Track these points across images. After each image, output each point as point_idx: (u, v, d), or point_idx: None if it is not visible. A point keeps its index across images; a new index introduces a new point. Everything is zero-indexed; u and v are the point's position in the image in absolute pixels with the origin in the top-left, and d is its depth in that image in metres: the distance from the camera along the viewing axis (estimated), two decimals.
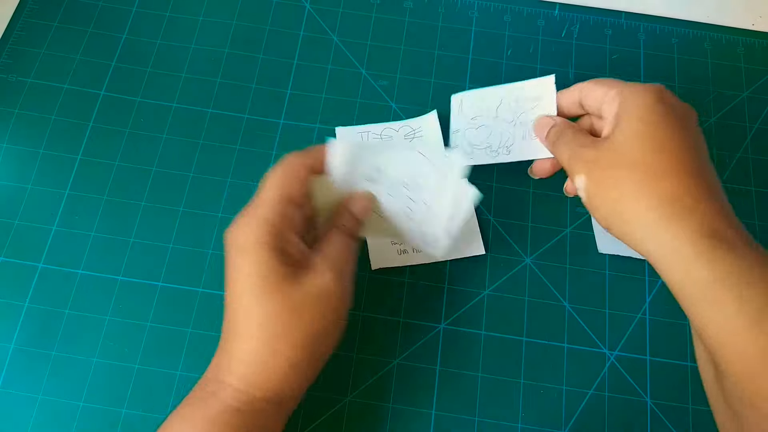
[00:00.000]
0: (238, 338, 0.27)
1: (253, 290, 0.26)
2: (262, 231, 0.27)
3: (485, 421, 0.34)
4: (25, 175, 0.39)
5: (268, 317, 0.26)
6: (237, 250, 0.27)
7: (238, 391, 0.26)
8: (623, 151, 0.28)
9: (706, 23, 0.46)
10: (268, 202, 0.28)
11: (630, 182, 0.27)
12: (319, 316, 0.27)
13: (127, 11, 0.44)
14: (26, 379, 0.35)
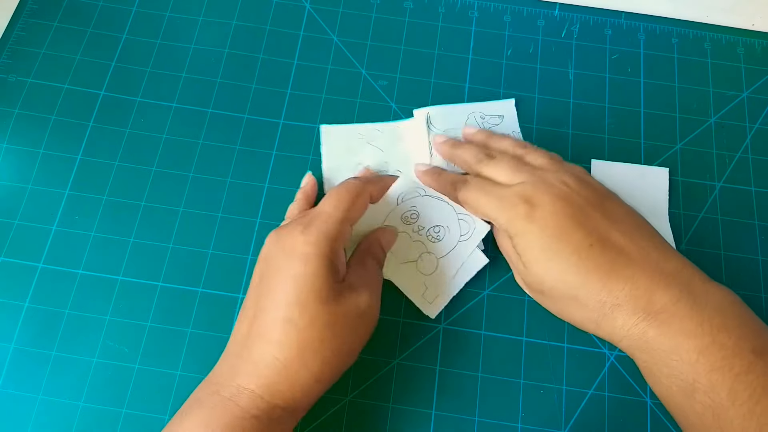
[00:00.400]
0: (267, 344, 0.27)
1: (301, 300, 0.27)
2: (325, 245, 0.28)
3: (485, 421, 0.34)
4: (25, 175, 0.39)
5: (307, 328, 0.26)
6: (295, 257, 0.28)
7: (259, 398, 0.26)
8: (537, 285, 0.32)
9: (706, 23, 0.46)
10: (334, 218, 0.29)
11: (561, 309, 0.32)
12: (353, 334, 0.28)
13: (127, 11, 0.44)
14: (26, 379, 0.35)
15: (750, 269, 0.38)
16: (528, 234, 0.30)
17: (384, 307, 0.37)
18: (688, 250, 0.39)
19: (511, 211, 0.30)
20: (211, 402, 0.26)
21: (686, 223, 0.39)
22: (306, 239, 0.28)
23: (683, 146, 0.42)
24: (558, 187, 0.30)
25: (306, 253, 0.27)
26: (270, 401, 0.26)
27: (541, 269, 0.30)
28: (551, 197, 0.30)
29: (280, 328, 0.27)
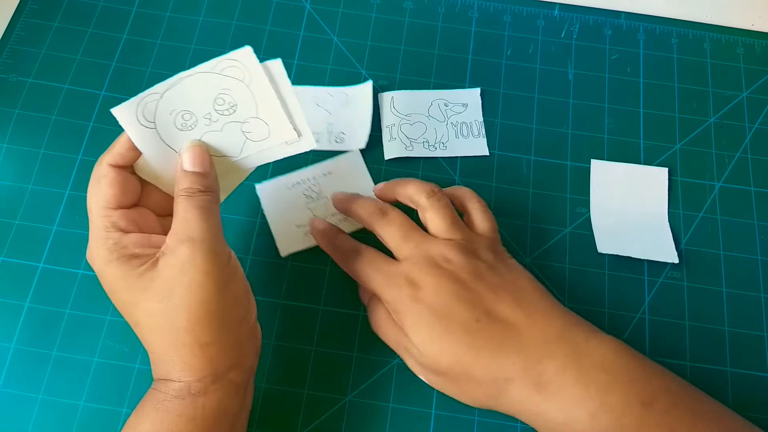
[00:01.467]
0: (146, 346, 0.28)
1: (126, 300, 0.27)
2: (100, 251, 0.27)
3: (485, 420, 0.34)
4: (25, 175, 0.39)
5: (149, 318, 0.27)
6: (98, 276, 0.28)
7: (171, 382, 0.27)
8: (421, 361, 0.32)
9: (706, 23, 0.46)
10: (92, 221, 0.28)
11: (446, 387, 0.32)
12: (189, 292, 0.26)
13: (128, 11, 0.44)
14: (27, 378, 0.35)
15: (749, 269, 0.38)
16: (415, 314, 0.30)
17: None
18: (687, 250, 0.39)
19: (395, 291, 0.31)
20: (145, 397, 0.28)
21: (686, 223, 0.39)
22: (90, 258, 0.29)
23: (683, 146, 0.42)
24: (440, 265, 0.31)
25: (97, 269, 0.28)
26: (180, 380, 0.26)
27: (435, 349, 0.29)
28: (434, 277, 0.30)
29: (137, 332, 0.28)
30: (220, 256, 0.27)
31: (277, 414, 0.34)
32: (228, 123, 0.30)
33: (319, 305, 0.37)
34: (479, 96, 0.42)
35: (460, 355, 0.29)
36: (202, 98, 0.29)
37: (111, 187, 0.28)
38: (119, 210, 0.28)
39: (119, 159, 0.28)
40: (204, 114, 0.29)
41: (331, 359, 0.36)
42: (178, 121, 0.29)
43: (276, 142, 0.31)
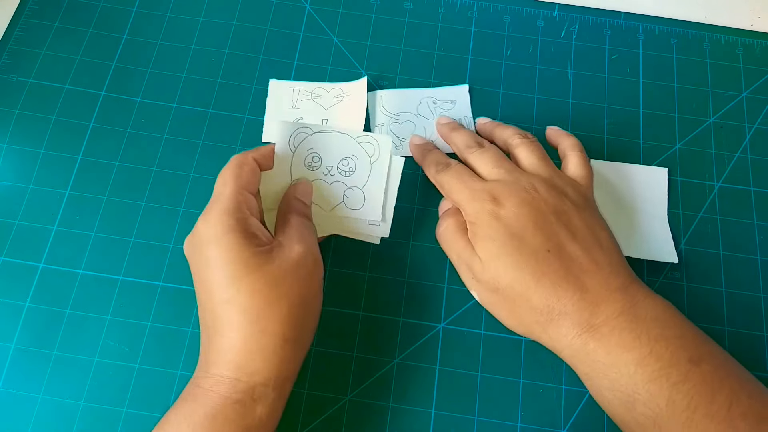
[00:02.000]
0: (222, 332, 0.27)
1: (231, 276, 0.27)
2: (227, 219, 0.28)
3: (484, 420, 0.34)
4: (25, 175, 0.39)
5: (251, 297, 0.27)
6: (206, 244, 0.28)
7: (236, 380, 0.26)
8: (492, 280, 0.32)
9: (705, 23, 0.46)
10: (226, 194, 0.29)
11: (509, 304, 0.32)
12: (299, 285, 0.28)
13: (128, 11, 0.44)
14: (27, 378, 0.35)
15: (749, 269, 0.38)
16: (490, 228, 0.31)
17: (384, 306, 0.37)
18: (687, 250, 0.39)
19: (478, 204, 0.32)
20: (193, 395, 0.27)
21: (685, 223, 0.39)
22: (207, 224, 0.28)
23: (682, 146, 0.42)
24: (528, 192, 0.32)
25: (212, 235, 0.28)
26: (248, 381, 0.26)
27: (500, 266, 0.30)
28: (518, 200, 0.31)
29: (224, 312, 0.27)
30: (322, 269, 0.31)
31: None
32: (338, 181, 0.35)
33: None
34: (467, 93, 0.42)
35: (522, 276, 0.30)
36: (335, 153, 0.35)
37: (253, 174, 0.31)
38: (250, 193, 0.31)
39: (261, 159, 0.32)
40: (328, 164, 0.35)
41: (331, 359, 0.36)
42: (308, 159, 0.34)
43: (363, 217, 0.35)
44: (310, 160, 0.34)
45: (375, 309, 0.37)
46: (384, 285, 0.37)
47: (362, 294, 0.37)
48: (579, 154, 0.36)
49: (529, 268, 0.30)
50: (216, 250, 0.27)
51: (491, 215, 0.31)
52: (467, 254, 0.32)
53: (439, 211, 0.36)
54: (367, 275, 0.38)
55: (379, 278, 0.38)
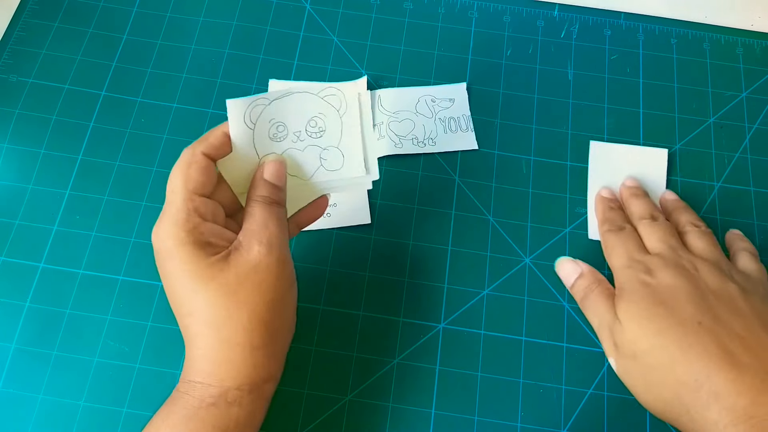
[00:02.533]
0: (192, 340, 0.27)
1: (189, 290, 0.26)
2: (177, 232, 0.27)
3: (484, 420, 0.35)
4: (26, 175, 0.39)
5: (210, 309, 0.26)
6: (161, 258, 0.27)
7: (209, 386, 0.26)
8: (633, 345, 0.30)
9: (705, 23, 0.46)
10: (174, 202, 0.28)
11: (648, 375, 0.30)
12: (259, 291, 0.26)
13: (128, 11, 0.45)
14: (27, 378, 0.35)
15: None
16: (636, 294, 0.30)
17: (383, 306, 0.37)
18: None
19: (632, 272, 0.32)
20: (172, 399, 0.27)
21: None
22: (158, 238, 0.27)
23: (682, 146, 0.42)
24: (686, 269, 0.31)
25: (165, 250, 0.27)
26: (220, 386, 0.26)
27: (640, 329, 0.29)
28: (674, 272, 0.30)
29: (189, 324, 0.27)
30: (288, 265, 0.28)
31: (278, 414, 0.34)
32: (311, 145, 0.31)
33: (319, 305, 0.37)
34: (465, 90, 0.42)
35: (664, 343, 0.28)
36: (300, 116, 0.31)
37: (200, 174, 0.28)
38: (202, 197, 0.28)
39: (211, 150, 0.29)
40: (295, 131, 0.31)
41: (331, 359, 0.36)
42: (272, 130, 0.31)
43: (346, 175, 0.32)
44: (275, 131, 0.31)
45: (375, 309, 0.37)
46: (384, 285, 0.37)
47: (362, 294, 0.37)
48: (753, 253, 0.35)
49: (674, 337, 0.28)
50: (170, 264, 0.27)
51: (641, 282, 0.31)
52: (609, 317, 0.31)
53: (560, 271, 0.36)
54: (367, 275, 0.38)
55: (379, 278, 0.38)
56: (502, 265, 0.38)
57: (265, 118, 0.30)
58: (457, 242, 0.39)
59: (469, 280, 0.38)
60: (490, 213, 0.39)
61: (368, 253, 0.38)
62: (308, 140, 0.31)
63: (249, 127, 0.30)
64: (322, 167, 0.32)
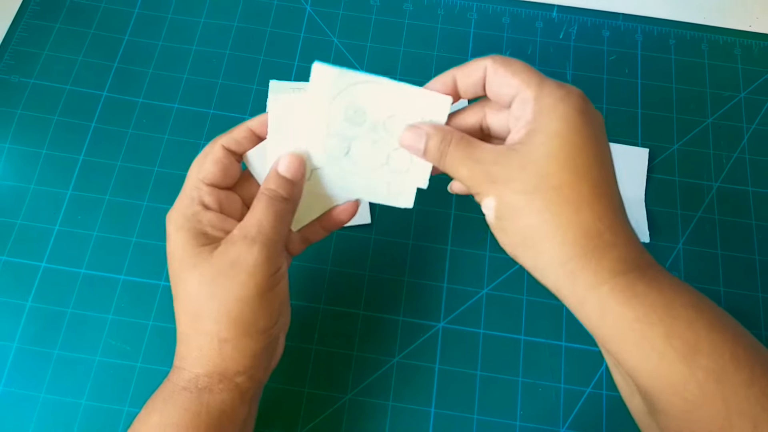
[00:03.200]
0: (177, 322, 0.28)
1: (175, 271, 0.27)
2: (177, 217, 0.28)
3: (484, 419, 0.35)
4: (27, 175, 0.40)
5: (186, 296, 0.27)
6: (167, 237, 0.28)
7: (182, 370, 0.27)
8: (539, 173, 0.25)
9: (704, 24, 0.46)
10: (184, 188, 0.29)
11: (547, 212, 0.24)
12: (231, 286, 0.26)
13: (129, 13, 0.45)
14: (29, 377, 0.35)
15: (747, 269, 0.39)
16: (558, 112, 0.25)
17: (383, 305, 0.37)
18: (685, 250, 0.39)
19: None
20: (160, 386, 0.28)
21: (683, 223, 0.40)
22: (167, 220, 0.29)
23: (680, 147, 0.42)
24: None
25: (168, 231, 0.28)
26: (191, 371, 0.27)
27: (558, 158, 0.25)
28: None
29: (174, 307, 0.28)
30: (272, 265, 0.27)
31: (278, 412, 0.34)
32: (383, 141, 0.29)
33: (319, 304, 0.37)
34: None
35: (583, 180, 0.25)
36: (383, 109, 0.29)
37: (213, 164, 0.29)
38: (210, 187, 0.29)
39: (233, 144, 0.29)
40: (373, 121, 0.29)
41: (331, 358, 0.36)
42: (349, 112, 0.29)
43: (407, 182, 0.30)
44: (352, 113, 0.29)
45: (375, 309, 0.37)
46: (384, 284, 0.38)
47: (362, 294, 0.37)
48: None
49: (595, 176, 0.25)
50: (169, 245, 0.28)
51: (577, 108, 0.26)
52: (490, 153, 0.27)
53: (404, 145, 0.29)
54: (367, 275, 0.38)
55: (379, 278, 0.38)
56: (502, 265, 0.38)
57: (345, 98, 0.29)
58: (456, 242, 0.39)
59: (468, 280, 0.38)
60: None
61: (368, 252, 0.38)
62: (383, 134, 0.29)
63: (329, 100, 0.29)
64: (387, 166, 0.30)
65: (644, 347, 0.23)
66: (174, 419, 0.26)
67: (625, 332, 0.24)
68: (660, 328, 0.23)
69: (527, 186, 0.25)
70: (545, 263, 0.25)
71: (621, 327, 0.24)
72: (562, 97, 0.25)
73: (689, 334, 0.23)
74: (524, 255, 0.26)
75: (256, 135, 0.30)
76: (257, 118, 0.30)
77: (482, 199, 0.27)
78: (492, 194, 0.26)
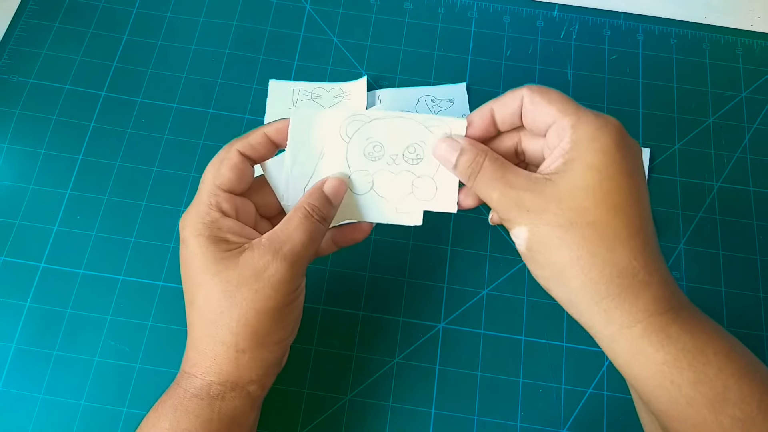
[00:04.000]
0: (189, 329, 0.28)
1: (193, 279, 0.27)
2: (195, 222, 0.27)
3: (484, 419, 0.35)
4: (26, 175, 0.39)
5: (206, 304, 0.26)
6: (181, 241, 0.28)
7: (194, 377, 0.27)
8: (576, 207, 0.24)
9: (705, 24, 0.46)
10: (200, 194, 0.28)
11: (582, 248, 0.24)
12: (254, 298, 0.26)
13: (128, 12, 0.45)
14: (28, 378, 0.35)
15: (748, 269, 0.38)
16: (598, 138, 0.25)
17: (384, 306, 0.37)
18: (686, 250, 0.39)
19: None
20: (169, 389, 0.28)
21: (684, 223, 0.39)
22: (183, 224, 0.28)
23: (682, 146, 0.42)
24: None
25: (183, 238, 0.28)
26: (203, 378, 0.27)
27: (593, 191, 0.24)
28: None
29: (189, 313, 0.28)
30: (295, 281, 0.27)
31: (278, 413, 0.34)
32: (405, 171, 0.31)
33: (319, 305, 0.37)
34: (465, 91, 0.42)
35: (616, 216, 0.25)
36: (399, 140, 0.30)
37: (230, 170, 0.28)
38: (228, 193, 0.28)
39: (249, 149, 0.29)
40: (392, 153, 0.31)
41: (331, 359, 0.36)
42: (368, 149, 0.30)
43: (435, 207, 0.31)
44: (371, 149, 0.31)
45: (375, 309, 0.37)
46: (384, 285, 0.37)
47: (362, 294, 0.37)
48: None
49: (631, 213, 0.24)
50: (184, 252, 0.27)
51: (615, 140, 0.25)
52: (522, 180, 0.26)
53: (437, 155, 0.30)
54: (367, 275, 0.38)
55: (379, 278, 0.38)
56: (502, 265, 0.38)
57: (362, 135, 0.30)
58: (457, 242, 0.39)
59: (468, 280, 0.38)
60: (490, 212, 0.39)
61: (368, 253, 0.38)
62: (404, 165, 0.31)
63: (344, 139, 0.30)
64: (413, 194, 0.31)
65: (672, 391, 0.23)
66: (185, 425, 0.26)
67: (654, 374, 0.24)
68: (689, 373, 0.23)
69: (562, 219, 0.24)
70: (579, 300, 0.25)
71: (651, 369, 0.24)
72: (600, 126, 0.25)
73: (718, 382, 0.23)
74: (557, 289, 0.26)
75: (271, 141, 0.29)
76: (273, 124, 0.29)
77: (513, 227, 0.26)
78: (524, 224, 0.25)
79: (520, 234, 0.26)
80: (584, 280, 0.24)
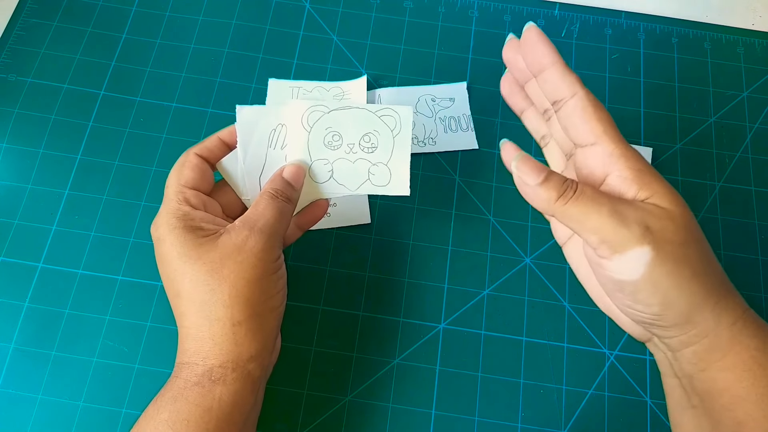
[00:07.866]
0: (180, 320, 0.28)
1: (177, 271, 0.28)
2: (169, 219, 0.29)
3: (485, 420, 0.34)
4: (24, 174, 0.39)
5: (194, 288, 0.27)
6: (157, 242, 0.29)
7: (194, 365, 0.27)
8: (686, 225, 0.25)
9: (706, 23, 0.46)
10: (169, 195, 0.30)
11: (699, 262, 0.24)
12: (240, 267, 0.28)
13: (127, 11, 0.44)
14: (26, 378, 0.35)
15: (750, 269, 0.38)
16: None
17: (384, 307, 0.37)
18: None
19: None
20: (166, 384, 0.28)
21: None
22: (155, 227, 0.29)
23: (683, 146, 0.42)
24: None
25: (159, 236, 0.29)
26: (204, 364, 0.27)
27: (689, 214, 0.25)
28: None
29: (177, 305, 0.28)
30: (274, 251, 0.29)
31: (277, 414, 0.34)
32: (362, 159, 0.33)
33: (319, 305, 0.37)
34: (466, 90, 0.42)
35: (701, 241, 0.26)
36: (356, 129, 0.33)
37: (191, 170, 0.31)
38: (194, 190, 0.30)
39: (205, 152, 0.32)
40: (349, 142, 0.33)
41: (331, 359, 0.36)
42: (327, 138, 0.33)
43: (390, 192, 0.33)
44: (330, 138, 0.33)
45: (375, 310, 0.37)
46: (384, 285, 0.37)
47: (362, 294, 0.37)
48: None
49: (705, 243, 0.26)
50: (162, 248, 0.29)
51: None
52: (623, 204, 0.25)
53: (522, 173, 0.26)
54: (367, 275, 0.37)
55: (379, 278, 0.37)
56: (503, 265, 0.38)
57: (322, 125, 0.33)
58: (457, 242, 0.38)
59: (469, 280, 0.37)
60: (491, 213, 0.39)
61: (368, 253, 0.38)
62: (360, 153, 0.33)
63: (305, 128, 0.33)
64: (370, 181, 0.33)
65: (759, 374, 0.24)
66: (184, 415, 0.26)
67: (745, 360, 0.24)
68: (765, 380, 0.24)
69: (682, 236, 0.24)
70: (697, 311, 0.25)
71: (743, 356, 0.24)
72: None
73: None
74: (669, 310, 0.25)
75: (226, 144, 0.32)
76: (226, 129, 0.32)
77: (625, 251, 0.24)
78: (647, 243, 0.23)
79: (639, 257, 0.24)
80: (704, 296, 0.24)
